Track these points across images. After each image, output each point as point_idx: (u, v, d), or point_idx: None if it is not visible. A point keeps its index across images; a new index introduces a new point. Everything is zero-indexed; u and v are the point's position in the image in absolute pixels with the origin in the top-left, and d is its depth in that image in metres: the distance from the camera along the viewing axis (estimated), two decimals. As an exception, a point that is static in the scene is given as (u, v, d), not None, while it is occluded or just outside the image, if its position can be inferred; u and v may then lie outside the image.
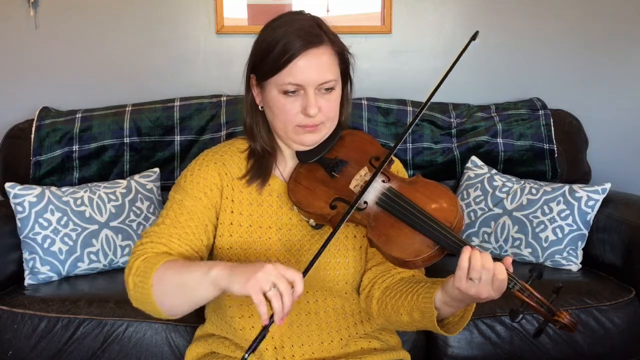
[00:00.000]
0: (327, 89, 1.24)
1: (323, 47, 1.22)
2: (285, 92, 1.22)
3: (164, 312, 1.16)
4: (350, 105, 1.36)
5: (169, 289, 1.12)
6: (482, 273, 1.06)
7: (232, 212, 1.31)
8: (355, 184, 1.27)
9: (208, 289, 1.08)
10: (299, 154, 1.32)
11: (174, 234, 1.24)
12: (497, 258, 1.10)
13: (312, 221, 1.29)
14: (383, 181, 1.25)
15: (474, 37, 1.28)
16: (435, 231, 1.14)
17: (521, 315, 1.07)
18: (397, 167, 1.37)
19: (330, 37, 1.24)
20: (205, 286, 1.08)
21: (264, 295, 1.01)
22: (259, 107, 1.31)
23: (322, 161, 1.31)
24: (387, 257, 1.18)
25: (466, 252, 1.08)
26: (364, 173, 1.29)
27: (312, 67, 1.20)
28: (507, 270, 1.08)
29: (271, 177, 1.33)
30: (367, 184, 1.20)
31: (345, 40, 1.30)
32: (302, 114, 1.23)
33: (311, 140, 1.28)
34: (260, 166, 1.32)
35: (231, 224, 1.31)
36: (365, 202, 1.22)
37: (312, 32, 1.22)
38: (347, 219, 1.17)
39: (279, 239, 1.31)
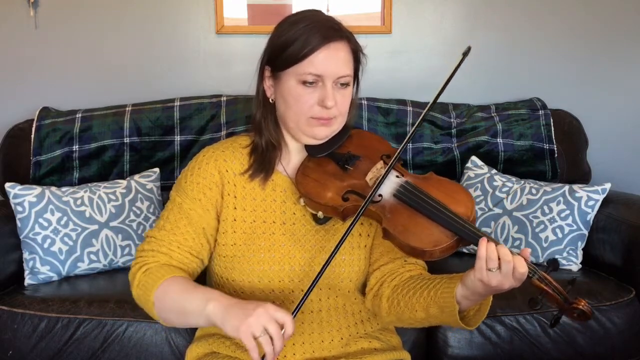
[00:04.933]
0: (342, 84, 1.27)
1: (342, 42, 1.27)
2: (304, 83, 1.25)
3: (166, 325, 1.26)
4: (356, 107, 1.39)
5: (168, 310, 1.21)
6: (502, 265, 1.08)
7: (235, 208, 1.32)
8: (371, 176, 1.29)
9: (202, 321, 1.15)
10: (309, 148, 1.33)
11: (173, 241, 1.28)
12: (514, 252, 1.11)
13: (320, 214, 1.28)
14: (397, 176, 1.27)
15: (466, 53, 1.30)
16: (454, 222, 1.15)
17: (540, 305, 1.10)
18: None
19: (348, 35, 1.29)
20: (201, 319, 1.15)
21: (256, 339, 1.05)
22: (270, 99, 1.32)
23: (333, 155, 1.33)
24: (403, 248, 1.19)
25: (483, 243, 1.10)
26: (379, 166, 1.31)
27: (332, 60, 1.24)
28: (526, 261, 1.10)
29: (274, 172, 1.34)
30: (385, 173, 1.22)
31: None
32: (318, 106, 1.26)
33: (322, 133, 1.29)
34: (263, 160, 1.33)
35: (234, 220, 1.31)
36: (380, 195, 1.23)
37: (333, 27, 1.27)
38: (361, 212, 1.18)
39: (282, 233, 1.31)
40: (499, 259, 1.09)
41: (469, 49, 1.29)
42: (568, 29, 2.65)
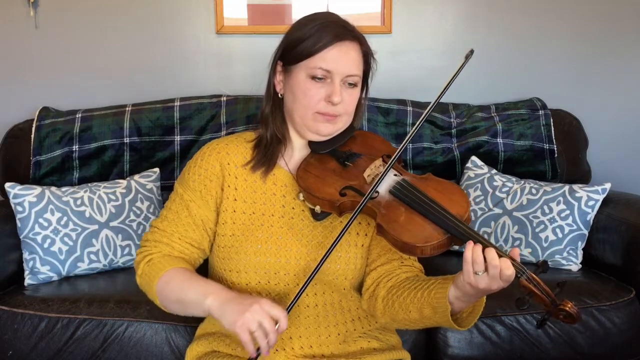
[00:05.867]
0: (350, 84, 1.31)
1: (354, 43, 1.31)
2: (313, 77, 1.28)
3: (170, 312, 1.31)
4: (363, 111, 1.42)
5: (169, 300, 1.27)
6: (489, 268, 1.09)
7: (235, 199, 1.34)
8: (369, 173, 1.31)
9: (201, 313, 1.22)
10: (312, 144, 1.35)
11: (175, 232, 1.33)
12: (502, 253, 1.11)
13: (318, 208, 1.30)
14: (395, 175, 1.29)
15: (469, 56, 1.31)
16: (447, 220, 1.17)
17: (527, 305, 1.10)
18: None
19: (360, 38, 1.33)
20: (200, 311, 1.21)
21: (251, 333, 1.10)
22: (279, 94, 1.35)
23: (334, 153, 1.35)
24: (395, 244, 1.20)
25: (469, 247, 1.11)
26: (378, 164, 1.33)
27: (342, 57, 1.28)
28: (515, 260, 1.11)
29: (276, 167, 1.37)
30: (385, 170, 1.24)
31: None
32: (325, 101, 1.29)
33: (327, 130, 1.32)
34: (266, 152, 1.36)
35: (234, 211, 1.33)
36: (377, 192, 1.25)
37: (347, 27, 1.31)
38: (361, 207, 1.20)
39: (280, 226, 1.33)
40: (485, 262, 1.10)
41: (471, 52, 1.31)
42: (568, 29, 2.65)
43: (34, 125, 2.32)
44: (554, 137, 2.42)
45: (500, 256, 1.10)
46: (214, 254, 1.37)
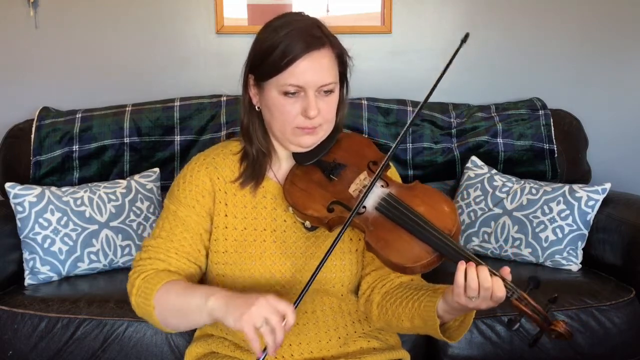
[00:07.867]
0: (326, 91, 1.24)
1: (324, 49, 1.23)
2: (286, 93, 1.22)
3: (167, 329, 1.24)
4: (346, 108, 1.36)
5: (169, 312, 1.20)
6: (480, 291, 1.07)
7: (226, 215, 1.32)
8: (354, 188, 1.27)
9: (204, 318, 1.14)
10: (296, 156, 1.32)
11: (171, 248, 1.28)
12: (493, 272, 1.09)
13: (307, 223, 1.29)
14: (382, 186, 1.26)
15: (464, 40, 1.28)
16: (435, 238, 1.14)
17: (518, 324, 1.09)
18: (392, 172, 1.37)
19: (331, 40, 1.25)
20: (202, 315, 1.14)
21: (257, 329, 1.04)
22: (256, 107, 1.31)
23: (319, 164, 1.31)
24: (385, 262, 1.18)
25: (461, 268, 1.09)
26: (363, 177, 1.29)
27: (313, 69, 1.21)
28: (505, 280, 1.09)
29: (265, 179, 1.33)
30: (368, 189, 1.20)
31: (345, 40, 1.30)
32: (302, 116, 1.23)
33: (309, 142, 1.28)
34: (254, 168, 1.32)
35: (226, 227, 1.31)
36: (364, 207, 1.22)
37: (314, 34, 1.22)
38: (346, 226, 1.17)
39: (273, 240, 1.31)
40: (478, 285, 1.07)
41: (466, 35, 1.27)
42: (568, 29, 2.65)
43: (34, 125, 2.32)
44: (554, 137, 2.42)
45: (491, 275, 1.07)
46: (208, 270, 1.36)
